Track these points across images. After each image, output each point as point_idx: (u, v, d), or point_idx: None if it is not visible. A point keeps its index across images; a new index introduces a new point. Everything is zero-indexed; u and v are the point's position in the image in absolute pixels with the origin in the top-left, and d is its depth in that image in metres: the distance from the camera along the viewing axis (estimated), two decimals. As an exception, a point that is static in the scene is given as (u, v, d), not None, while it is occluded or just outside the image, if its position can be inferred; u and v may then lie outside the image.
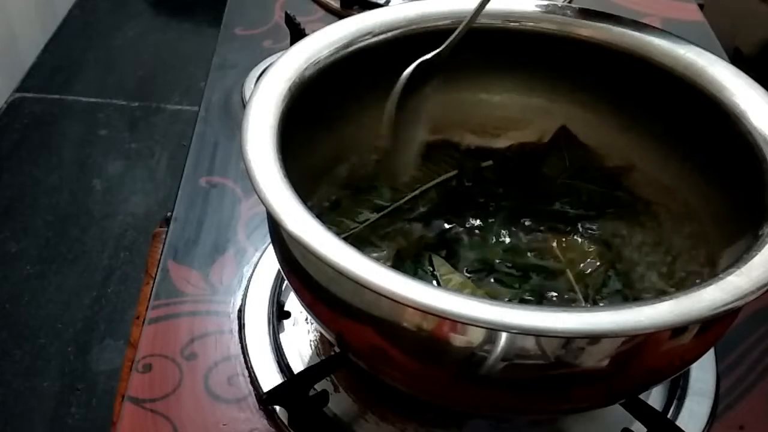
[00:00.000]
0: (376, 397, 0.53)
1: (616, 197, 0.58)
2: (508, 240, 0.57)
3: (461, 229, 0.57)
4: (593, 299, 0.53)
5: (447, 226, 0.57)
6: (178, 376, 0.54)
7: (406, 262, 0.54)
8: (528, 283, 0.53)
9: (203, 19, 2.08)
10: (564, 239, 0.57)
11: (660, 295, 0.52)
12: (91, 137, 1.77)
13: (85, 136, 1.77)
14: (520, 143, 0.61)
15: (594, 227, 0.57)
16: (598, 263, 0.54)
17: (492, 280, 0.54)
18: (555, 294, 0.53)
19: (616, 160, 0.59)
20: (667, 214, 0.57)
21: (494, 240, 0.56)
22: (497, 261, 0.55)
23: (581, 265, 0.54)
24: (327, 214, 0.55)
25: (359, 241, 0.54)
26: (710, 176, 0.53)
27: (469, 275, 0.54)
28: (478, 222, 0.57)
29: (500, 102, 0.60)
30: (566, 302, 0.52)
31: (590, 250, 0.55)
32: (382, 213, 0.56)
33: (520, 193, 0.59)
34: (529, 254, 0.56)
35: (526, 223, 0.58)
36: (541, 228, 0.57)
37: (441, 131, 0.60)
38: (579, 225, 0.58)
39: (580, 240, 0.56)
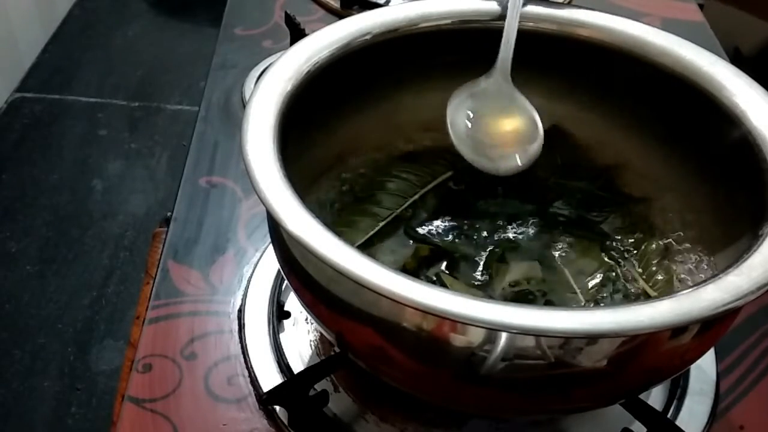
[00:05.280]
0: (376, 397, 0.53)
1: (613, 196, 0.58)
2: (506, 242, 0.57)
3: (460, 234, 0.57)
4: (594, 299, 0.53)
5: (444, 230, 0.57)
6: (178, 376, 0.54)
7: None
8: (527, 284, 0.53)
9: (203, 19, 2.08)
10: (561, 239, 0.57)
11: (660, 294, 0.52)
12: (91, 137, 1.77)
13: (85, 136, 1.77)
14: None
15: (591, 226, 0.57)
16: (597, 262, 0.54)
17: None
18: (554, 294, 0.53)
19: (613, 160, 0.59)
20: (665, 214, 0.57)
21: (491, 242, 0.56)
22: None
23: (579, 264, 0.54)
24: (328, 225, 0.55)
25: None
26: (710, 176, 0.53)
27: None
28: (474, 225, 0.57)
29: (500, 102, 0.60)
30: (566, 302, 0.52)
31: (588, 249, 0.55)
32: (383, 223, 0.55)
33: (515, 193, 0.59)
34: (527, 255, 0.56)
35: (523, 224, 0.58)
36: (538, 228, 0.57)
37: (438, 130, 0.60)
38: (576, 224, 0.57)
39: (577, 240, 0.56)
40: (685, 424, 0.51)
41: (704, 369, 0.56)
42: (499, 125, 0.55)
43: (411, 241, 0.55)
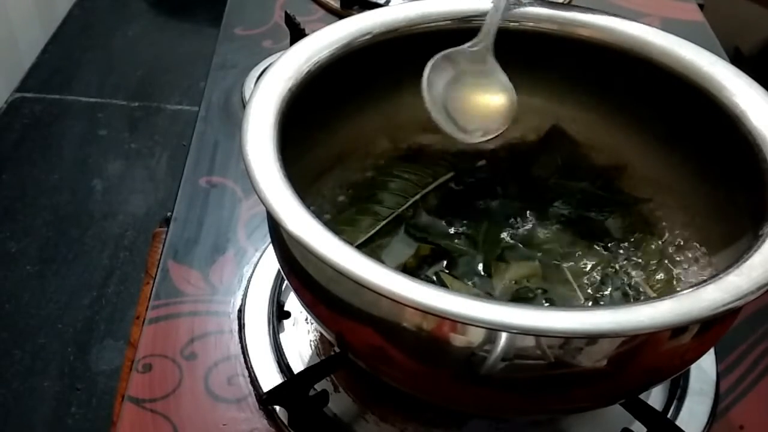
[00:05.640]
0: (376, 397, 0.53)
1: (613, 196, 0.58)
2: (506, 242, 0.57)
3: (460, 234, 0.57)
4: (593, 298, 0.53)
5: (445, 230, 0.57)
6: (178, 376, 0.54)
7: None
8: (527, 284, 0.53)
9: (203, 19, 2.08)
10: (561, 239, 0.56)
11: (659, 294, 0.52)
12: (91, 137, 1.77)
13: (85, 136, 1.77)
14: (513, 143, 0.61)
15: (591, 226, 0.57)
16: (596, 262, 0.54)
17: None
18: (554, 293, 0.53)
19: (613, 160, 0.59)
20: (666, 214, 0.57)
21: (491, 242, 0.56)
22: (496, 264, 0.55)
23: (580, 264, 0.54)
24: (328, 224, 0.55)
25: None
26: (710, 176, 0.53)
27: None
28: (475, 225, 0.57)
29: (500, 102, 0.60)
30: (566, 301, 0.52)
31: (588, 249, 0.55)
32: (384, 222, 0.55)
33: (515, 193, 0.59)
34: (526, 255, 0.56)
35: (523, 224, 0.58)
36: (538, 228, 0.57)
37: (439, 130, 0.60)
38: (576, 224, 0.58)
39: (577, 239, 0.56)
40: (685, 424, 0.51)
41: (704, 369, 0.56)
42: (475, 95, 0.55)
43: (412, 241, 0.55)
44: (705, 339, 0.44)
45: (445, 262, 0.54)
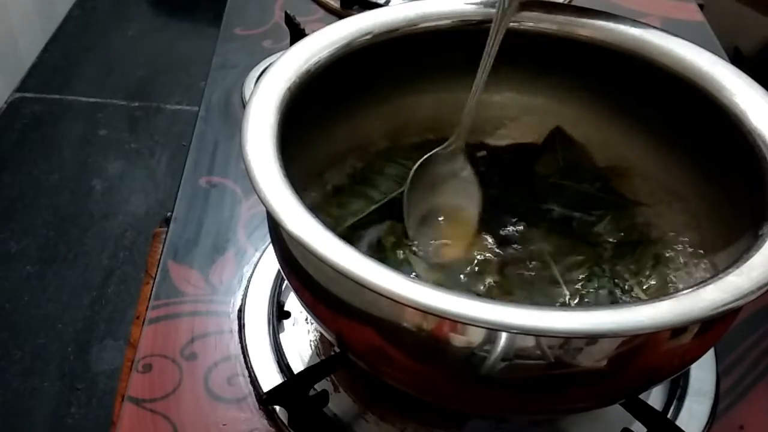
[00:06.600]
0: (376, 397, 0.53)
1: (612, 197, 0.58)
2: (501, 239, 0.57)
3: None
4: (579, 295, 0.52)
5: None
6: (178, 376, 0.54)
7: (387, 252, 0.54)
8: (520, 281, 0.53)
9: (203, 19, 2.09)
10: (553, 237, 0.56)
11: (657, 295, 0.52)
12: (91, 137, 1.77)
13: (85, 136, 1.77)
14: (514, 143, 0.61)
15: (588, 226, 0.57)
16: (584, 258, 0.54)
17: (489, 281, 0.54)
18: (547, 292, 0.53)
19: (613, 161, 0.59)
20: (665, 213, 0.57)
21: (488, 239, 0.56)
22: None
23: (571, 263, 0.54)
24: (321, 206, 0.55)
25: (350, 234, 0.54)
26: (710, 176, 0.53)
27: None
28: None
29: (500, 102, 0.60)
30: (550, 294, 0.52)
31: (580, 247, 0.55)
32: (376, 205, 0.56)
33: (512, 191, 0.59)
34: (521, 253, 0.56)
35: (520, 223, 0.58)
36: (531, 224, 0.57)
37: (440, 132, 0.60)
38: (571, 223, 0.57)
39: (576, 238, 0.56)
40: (685, 424, 0.51)
41: (704, 369, 0.56)
42: (442, 201, 0.56)
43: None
44: (705, 339, 0.44)
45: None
